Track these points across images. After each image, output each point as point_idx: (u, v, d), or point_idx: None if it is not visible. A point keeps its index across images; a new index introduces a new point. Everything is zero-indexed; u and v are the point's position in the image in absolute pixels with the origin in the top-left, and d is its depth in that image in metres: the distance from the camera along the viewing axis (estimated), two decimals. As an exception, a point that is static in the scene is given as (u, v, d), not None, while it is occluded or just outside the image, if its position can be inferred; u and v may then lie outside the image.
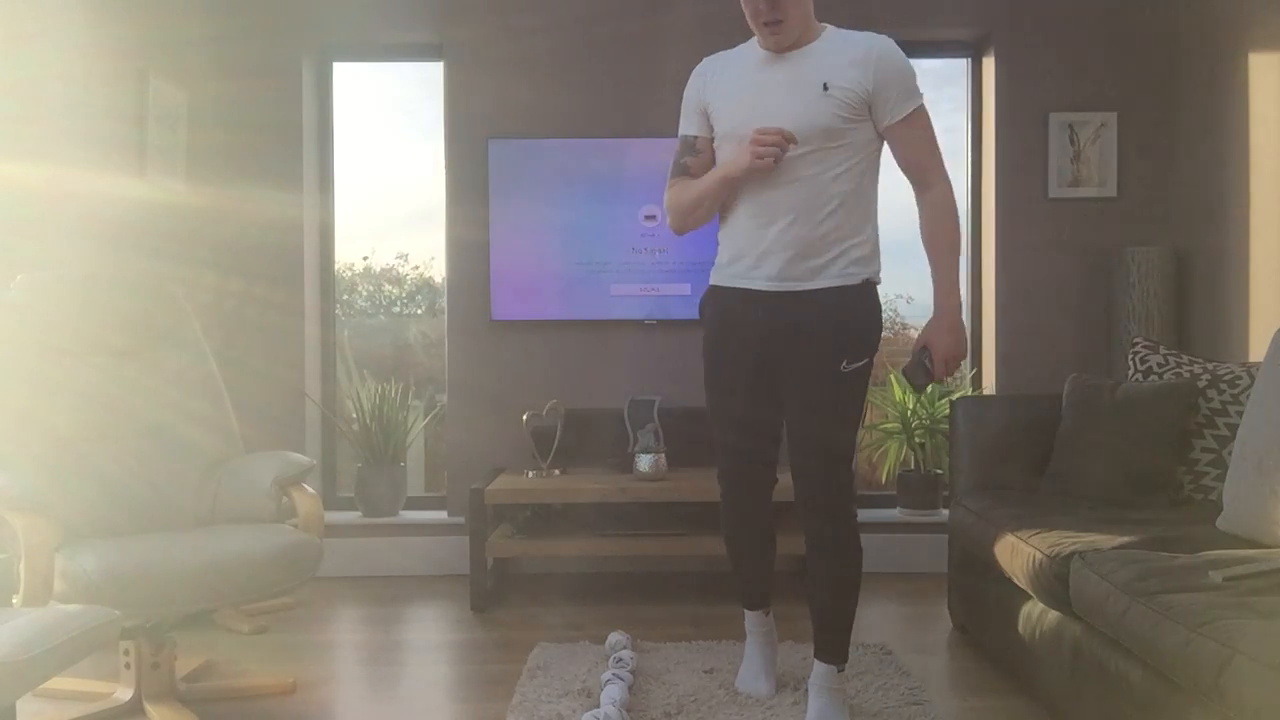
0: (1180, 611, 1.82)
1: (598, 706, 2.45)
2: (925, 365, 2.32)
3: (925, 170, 2.33)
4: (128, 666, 2.55)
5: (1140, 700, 1.98)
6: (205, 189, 3.95)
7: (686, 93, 2.47)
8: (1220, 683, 1.65)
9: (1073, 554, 2.28)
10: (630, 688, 2.61)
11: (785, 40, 2.29)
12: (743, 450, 2.50)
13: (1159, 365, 3.01)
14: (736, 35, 2.45)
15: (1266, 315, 3.41)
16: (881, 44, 2.28)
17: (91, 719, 2.49)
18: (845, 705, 2.44)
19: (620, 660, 2.79)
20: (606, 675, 2.65)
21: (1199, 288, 3.84)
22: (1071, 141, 4.07)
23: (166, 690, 2.55)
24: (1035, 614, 2.53)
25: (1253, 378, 2.75)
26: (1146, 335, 3.67)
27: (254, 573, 2.47)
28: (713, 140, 2.41)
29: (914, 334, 4.70)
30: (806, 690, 2.46)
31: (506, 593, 3.80)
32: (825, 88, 2.24)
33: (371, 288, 4.91)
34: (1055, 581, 2.30)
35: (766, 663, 2.65)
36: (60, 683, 2.60)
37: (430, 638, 3.35)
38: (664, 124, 3.04)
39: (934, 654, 3.07)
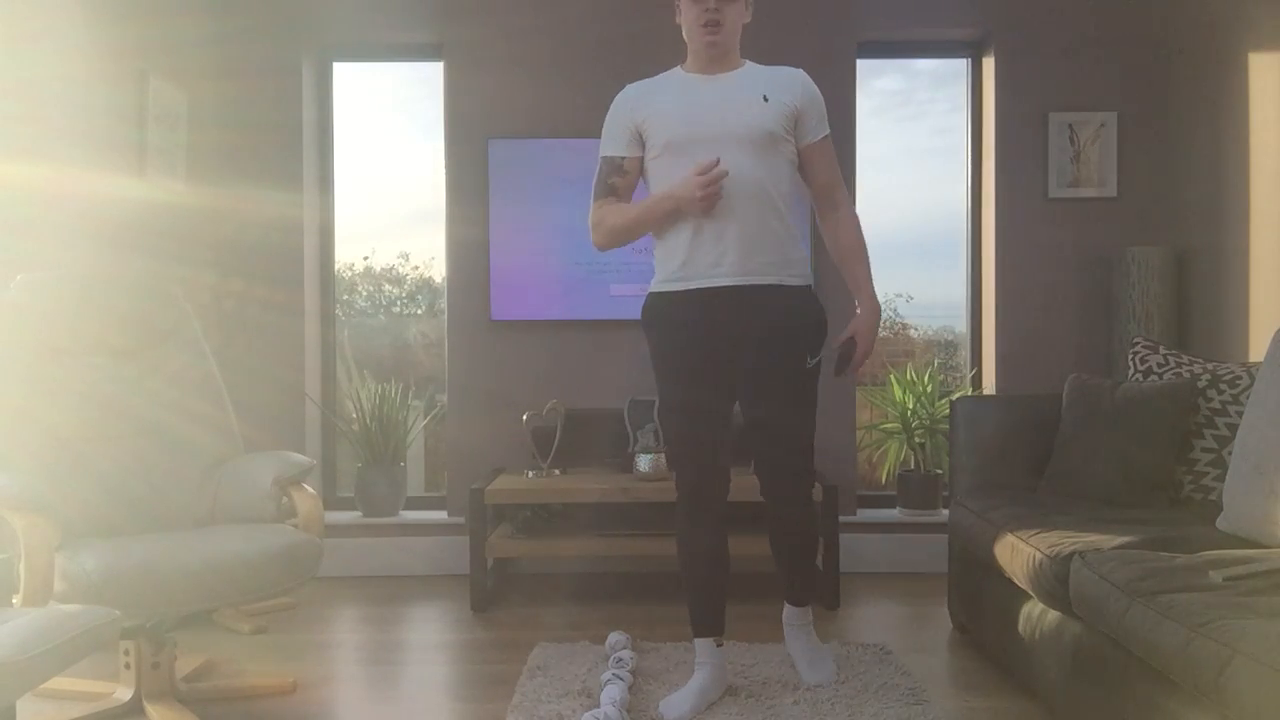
0: (1180, 611, 1.82)
1: (598, 706, 2.45)
2: (847, 356, 2.55)
3: (836, 189, 2.60)
4: (128, 666, 2.55)
5: (1140, 700, 1.98)
6: (205, 189, 3.95)
7: (612, 117, 2.58)
8: (1220, 683, 1.65)
9: (1073, 554, 2.28)
10: (630, 688, 2.62)
11: (721, 44, 2.47)
12: (716, 442, 2.53)
13: (1159, 365, 3.01)
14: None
15: (1266, 315, 3.41)
16: (802, 74, 2.55)
17: (91, 719, 2.49)
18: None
19: (620, 660, 2.79)
20: (606, 675, 2.65)
21: (1199, 288, 3.84)
22: (1071, 141, 4.07)
23: (166, 690, 2.55)
24: (1035, 614, 2.53)
25: (1253, 378, 2.75)
26: (1146, 335, 3.67)
27: (254, 573, 2.47)
28: (642, 160, 2.54)
29: (914, 334, 4.72)
30: (784, 634, 2.73)
31: (506, 593, 3.80)
32: (765, 99, 2.46)
33: (371, 288, 4.91)
34: (1055, 581, 2.30)
35: (699, 696, 2.52)
36: (60, 683, 2.60)
37: (430, 638, 3.35)
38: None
39: (934, 654, 3.07)
